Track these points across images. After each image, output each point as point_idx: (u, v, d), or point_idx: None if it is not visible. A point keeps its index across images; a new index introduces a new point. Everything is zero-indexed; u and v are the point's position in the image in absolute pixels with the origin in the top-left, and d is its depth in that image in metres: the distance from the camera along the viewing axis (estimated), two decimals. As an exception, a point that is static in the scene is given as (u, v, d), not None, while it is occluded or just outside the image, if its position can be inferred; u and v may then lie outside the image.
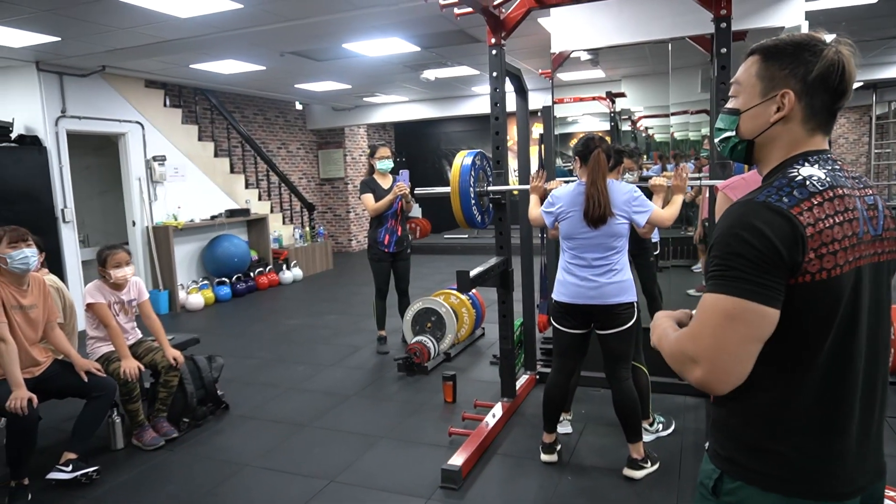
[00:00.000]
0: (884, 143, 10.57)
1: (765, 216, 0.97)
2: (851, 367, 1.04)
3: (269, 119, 10.13)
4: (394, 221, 4.79)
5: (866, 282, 1.04)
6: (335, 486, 2.94)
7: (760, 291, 0.96)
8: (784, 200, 0.98)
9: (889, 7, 5.23)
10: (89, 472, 3.00)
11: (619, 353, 2.86)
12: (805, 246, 0.97)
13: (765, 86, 1.08)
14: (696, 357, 1.01)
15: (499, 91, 3.41)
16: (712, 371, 1.00)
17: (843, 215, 1.00)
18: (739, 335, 0.98)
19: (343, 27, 5.15)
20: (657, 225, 2.89)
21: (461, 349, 5.00)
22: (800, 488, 1.04)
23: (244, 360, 5.00)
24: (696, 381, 1.02)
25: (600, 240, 2.78)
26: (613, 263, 2.80)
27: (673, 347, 1.08)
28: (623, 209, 2.79)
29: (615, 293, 2.79)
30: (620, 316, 2.80)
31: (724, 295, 0.98)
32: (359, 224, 11.86)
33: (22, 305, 3.03)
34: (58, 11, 4.35)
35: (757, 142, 1.12)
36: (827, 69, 1.03)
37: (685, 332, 1.07)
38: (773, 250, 0.96)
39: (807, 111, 1.06)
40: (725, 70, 3.02)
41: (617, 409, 2.90)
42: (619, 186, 2.83)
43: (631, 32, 4.26)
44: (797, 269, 0.97)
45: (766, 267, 0.96)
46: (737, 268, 0.97)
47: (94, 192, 7.62)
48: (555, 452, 3.05)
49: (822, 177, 1.03)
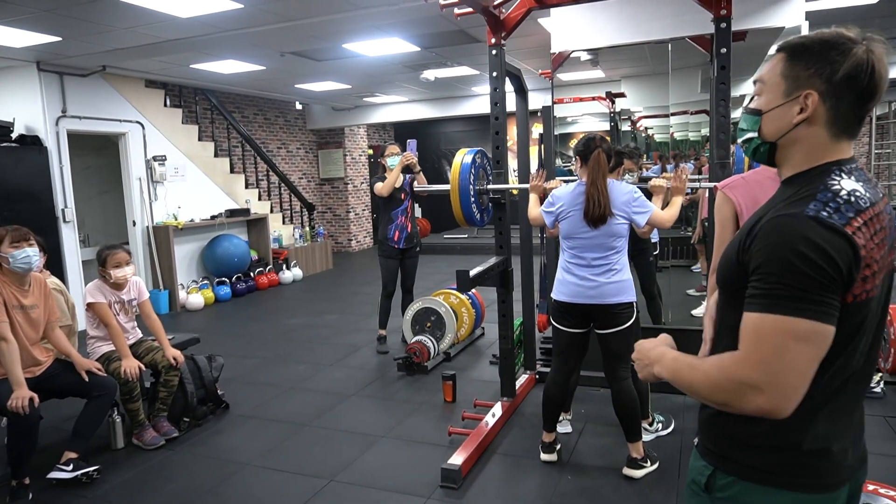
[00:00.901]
0: (884, 143, 10.58)
1: (822, 233, 0.93)
2: (851, 367, 1.05)
3: (269, 119, 10.13)
4: (403, 218, 4.81)
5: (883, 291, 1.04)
6: (335, 486, 2.94)
7: (826, 311, 0.93)
8: (835, 217, 0.94)
9: (889, 7, 5.24)
10: (90, 472, 3.01)
11: (618, 352, 2.86)
12: (860, 266, 0.94)
13: (789, 86, 1.04)
14: (759, 384, 0.94)
15: (499, 91, 3.41)
16: (780, 396, 0.94)
17: (880, 235, 0.97)
18: (808, 356, 0.94)
19: (343, 27, 5.15)
20: (657, 226, 2.89)
21: (461, 349, 5.01)
22: (794, 481, 1.05)
23: (244, 360, 5.01)
24: (758, 409, 0.95)
25: (600, 240, 2.79)
26: (613, 263, 2.80)
27: (718, 377, 0.99)
28: (623, 209, 2.79)
29: (614, 293, 2.79)
30: (619, 315, 2.81)
31: (790, 317, 0.93)
32: (358, 224, 11.86)
33: (23, 305, 3.03)
34: (58, 11, 4.35)
35: (779, 144, 1.07)
36: (854, 69, 0.98)
37: (737, 359, 0.98)
38: (836, 269, 0.92)
39: (831, 113, 1.01)
40: (725, 70, 3.03)
41: (616, 409, 2.90)
42: (619, 187, 2.83)
43: (631, 32, 4.26)
44: (847, 290, 0.95)
45: (829, 285, 0.92)
46: (799, 287, 0.92)
47: (95, 192, 7.63)
48: (554, 452, 3.06)
49: (863, 192, 0.98)
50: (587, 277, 2.82)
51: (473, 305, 5.17)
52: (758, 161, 1.14)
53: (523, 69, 5.33)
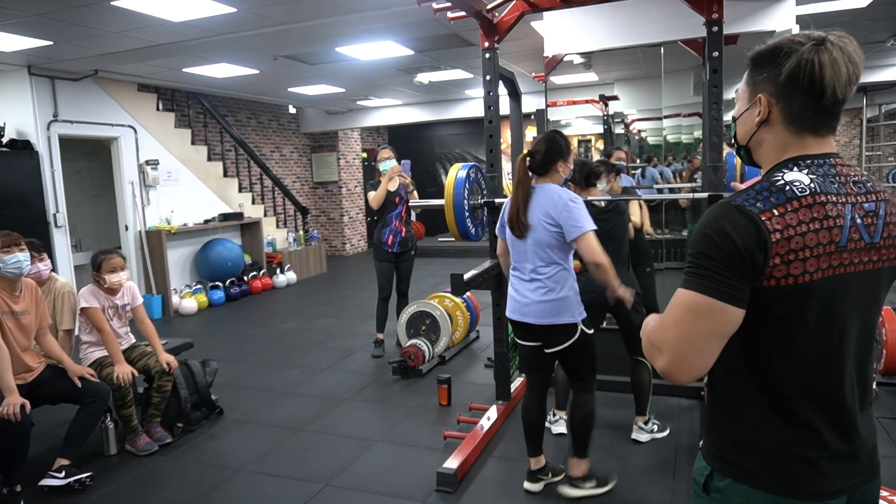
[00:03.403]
0: (874, 145, 10.66)
1: (734, 218, 1.00)
2: (837, 371, 1.05)
3: (262, 123, 10.11)
4: (398, 222, 4.82)
5: (854, 290, 1.04)
6: (330, 490, 2.93)
7: (724, 290, 1.00)
8: (757, 205, 1.00)
9: (879, 11, 5.28)
10: (82, 478, 2.98)
11: (570, 367, 2.73)
12: (769, 251, 0.98)
13: (750, 92, 1.11)
14: (661, 346, 1.06)
15: (492, 94, 3.42)
16: (674, 361, 1.04)
17: (820, 223, 1.00)
18: (702, 330, 1.02)
19: (336, 31, 5.15)
20: (585, 255, 2.52)
21: (456, 352, 5.00)
22: (786, 487, 1.06)
23: (238, 365, 4.99)
24: (660, 369, 1.07)
25: (532, 249, 2.59)
26: (547, 278, 2.57)
27: (646, 337, 1.13)
28: (551, 217, 2.54)
29: (547, 313, 2.58)
30: (556, 336, 2.61)
31: (691, 291, 1.02)
32: (352, 227, 11.85)
33: (13, 311, 3.01)
34: (50, 15, 4.33)
35: (750, 146, 1.15)
36: (794, 69, 1.03)
37: (657, 323, 1.11)
38: (737, 252, 0.99)
39: (785, 113, 1.07)
40: (717, 73, 3.04)
41: (568, 420, 2.79)
42: (551, 191, 2.59)
43: (623, 36, 4.29)
44: (761, 273, 1.00)
45: (731, 267, 0.99)
46: (704, 266, 1.01)
47: (87, 196, 7.58)
48: (540, 483, 2.80)
49: (805, 183, 1.02)
50: (522, 293, 2.64)
51: (468, 309, 5.17)
52: (746, 163, 1.21)
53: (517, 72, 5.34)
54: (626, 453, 3.14)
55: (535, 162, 2.64)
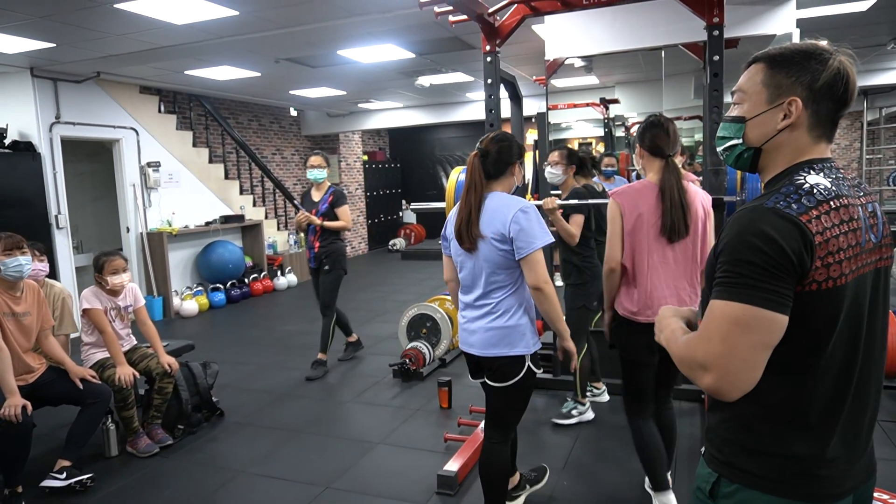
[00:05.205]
0: (875, 148, 10.66)
1: (775, 222, 0.98)
2: (851, 372, 1.06)
3: (263, 125, 10.13)
4: (312, 237, 4.76)
5: (868, 289, 1.05)
6: (331, 493, 2.93)
7: (772, 298, 0.96)
8: (793, 207, 0.99)
9: (878, 15, 5.29)
10: (83, 480, 2.99)
11: (495, 409, 2.34)
12: (814, 254, 0.97)
13: (771, 93, 1.09)
14: (706, 364, 1.01)
15: (493, 97, 3.43)
16: (723, 378, 1.00)
17: (847, 224, 1.01)
18: (750, 342, 0.98)
19: (338, 34, 5.17)
20: (527, 275, 2.16)
21: (456, 355, 4.99)
22: (797, 490, 1.05)
23: (239, 367, 4.99)
24: (707, 388, 1.02)
25: (479, 267, 2.21)
26: (493, 303, 2.21)
27: (683, 352, 1.08)
28: (500, 233, 2.13)
29: (491, 342, 2.20)
30: (500, 369, 2.23)
31: (734, 302, 0.98)
32: (353, 230, 11.86)
33: (15, 313, 3.02)
34: (53, 18, 4.35)
35: (764, 149, 1.12)
36: (833, 78, 1.04)
37: (695, 338, 1.06)
38: (784, 256, 0.96)
39: (812, 119, 1.07)
40: (718, 77, 3.05)
41: (481, 473, 2.42)
42: (504, 201, 2.18)
43: (624, 40, 4.30)
44: (805, 277, 0.98)
45: (777, 273, 0.96)
46: (747, 274, 0.97)
47: (88, 198, 7.60)
48: (519, 497, 2.62)
49: (828, 185, 1.03)
50: (467, 318, 2.29)
51: (469, 311, 5.16)
52: (740, 167, 1.17)
53: (518, 75, 5.35)
54: (626, 457, 3.14)
55: (486, 163, 2.23)
